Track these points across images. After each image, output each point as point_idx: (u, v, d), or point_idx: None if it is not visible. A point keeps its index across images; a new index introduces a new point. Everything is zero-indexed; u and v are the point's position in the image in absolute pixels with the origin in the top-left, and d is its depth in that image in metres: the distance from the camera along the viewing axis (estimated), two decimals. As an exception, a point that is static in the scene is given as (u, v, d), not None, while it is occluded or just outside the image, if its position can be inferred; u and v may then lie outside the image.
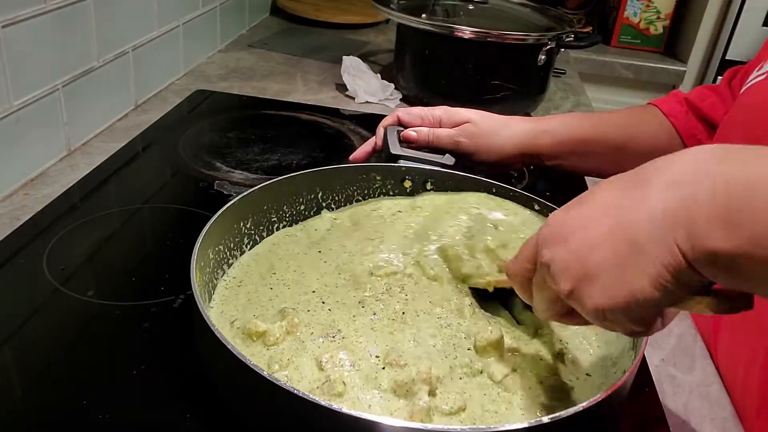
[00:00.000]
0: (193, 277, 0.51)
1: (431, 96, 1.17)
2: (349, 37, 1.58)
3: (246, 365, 0.42)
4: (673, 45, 1.92)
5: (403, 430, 0.41)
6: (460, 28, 1.08)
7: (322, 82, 1.27)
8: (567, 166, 0.82)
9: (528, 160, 0.83)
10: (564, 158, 0.82)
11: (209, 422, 0.50)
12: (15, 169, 0.80)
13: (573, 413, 0.42)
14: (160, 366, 0.55)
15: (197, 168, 0.89)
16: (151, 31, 1.08)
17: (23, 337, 0.58)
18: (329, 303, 0.58)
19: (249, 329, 0.53)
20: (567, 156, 0.81)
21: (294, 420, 0.43)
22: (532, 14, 1.26)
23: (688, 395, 0.60)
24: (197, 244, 0.54)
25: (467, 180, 0.72)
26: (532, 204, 0.68)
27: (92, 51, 0.92)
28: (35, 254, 0.68)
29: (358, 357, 0.52)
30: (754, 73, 0.68)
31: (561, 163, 0.82)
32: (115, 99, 1.01)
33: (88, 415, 0.50)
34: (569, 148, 0.81)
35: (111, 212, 0.78)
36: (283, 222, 0.69)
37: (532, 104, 1.21)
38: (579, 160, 0.82)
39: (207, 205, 0.74)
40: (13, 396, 0.52)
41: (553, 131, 0.81)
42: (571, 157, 0.82)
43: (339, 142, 1.02)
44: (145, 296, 0.63)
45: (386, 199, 0.72)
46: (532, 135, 0.80)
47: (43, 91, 0.82)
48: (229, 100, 1.15)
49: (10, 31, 0.75)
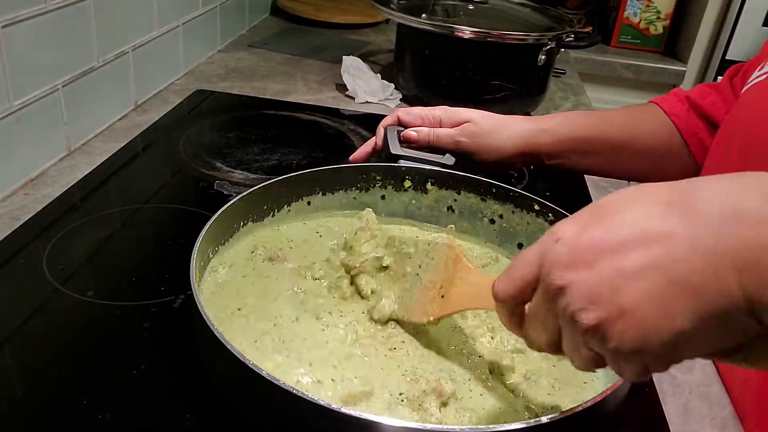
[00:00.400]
0: (192, 277, 0.51)
1: (431, 96, 1.17)
2: (349, 37, 1.58)
3: (246, 365, 0.42)
4: (673, 45, 1.92)
5: (403, 430, 0.41)
6: (460, 28, 1.08)
7: (322, 82, 1.27)
8: (567, 164, 0.82)
9: (528, 159, 0.82)
10: (564, 157, 0.81)
11: (209, 422, 0.50)
12: (15, 169, 0.80)
13: (572, 413, 0.42)
14: (160, 366, 0.55)
15: (197, 168, 0.89)
16: (151, 31, 1.08)
17: (23, 337, 0.58)
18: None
19: None
20: (567, 155, 0.81)
21: (294, 420, 0.43)
22: (532, 14, 1.25)
23: (688, 395, 0.60)
24: (197, 244, 0.54)
25: (467, 180, 0.72)
26: (532, 204, 0.68)
27: (92, 51, 0.92)
28: (35, 254, 0.68)
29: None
30: (755, 73, 0.68)
31: (561, 162, 0.82)
32: (115, 99, 1.01)
33: (88, 415, 0.50)
34: (569, 147, 0.81)
35: (111, 212, 0.78)
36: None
37: (532, 104, 1.21)
38: (579, 159, 0.82)
39: (207, 205, 0.74)
40: (13, 396, 0.52)
41: (553, 130, 0.81)
42: (572, 156, 0.81)
43: (339, 142, 1.02)
44: (145, 296, 0.63)
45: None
46: (532, 134, 0.80)
47: (43, 91, 0.82)
48: (229, 100, 1.15)
49: (10, 31, 0.75)
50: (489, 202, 0.71)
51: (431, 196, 0.73)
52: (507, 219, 0.71)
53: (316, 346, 0.53)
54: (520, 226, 0.70)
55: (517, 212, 0.70)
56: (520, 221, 0.70)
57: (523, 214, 0.69)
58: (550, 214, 0.67)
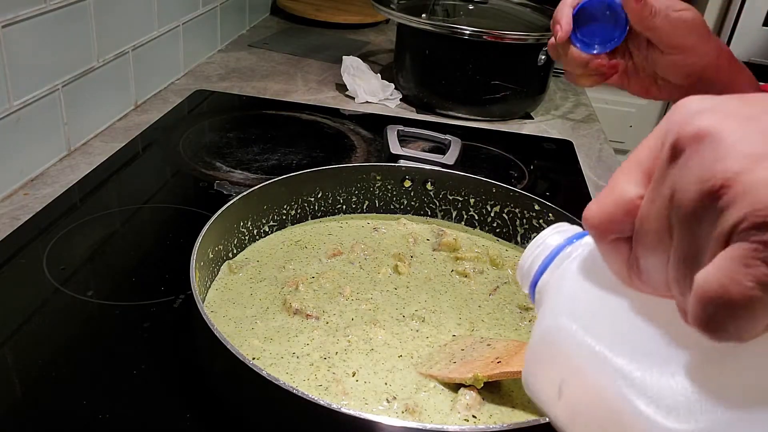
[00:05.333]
0: (192, 277, 0.51)
1: (431, 96, 1.17)
2: (349, 37, 1.58)
3: (246, 365, 0.42)
4: (673, 45, 1.92)
5: (402, 430, 0.41)
6: (460, 28, 1.08)
7: (322, 82, 1.27)
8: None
9: (704, 84, 0.67)
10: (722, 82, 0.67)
11: (209, 422, 0.50)
12: (15, 169, 0.80)
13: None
14: (160, 366, 0.55)
15: (197, 168, 0.89)
16: (151, 31, 1.08)
17: (23, 337, 0.58)
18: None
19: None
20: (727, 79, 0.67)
21: (293, 420, 0.43)
22: (532, 14, 1.26)
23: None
24: (197, 244, 0.54)
25: (467, 180, 0.72)
26: (533, 204, 0.68)
27: (92, 51, 0.92)
28: (35, 254, 0.68)
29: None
30: None
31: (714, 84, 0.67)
32: (115, 99, 1.01)
33: (88, 415, 0.50)
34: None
35: (111, 212, 0.78)
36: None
37: (532, 104, 1.21)
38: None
39: (207, 205, 0.74)
40: (13, 396, 0.52)
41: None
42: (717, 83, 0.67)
43: (339, 142, 1.02)
44: (145, 296, 0.63)
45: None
46: (732, 57, 0.68)
47: (43, 91, 0.82)
48: (229, 100, 1.15)
49: (10, 31, 0.75)
50: (489, 201, 0.71)
51: (431, 194, 0.73)
52: (507, 219, 0.71)
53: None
54: (520, 226, 0.70)
55: (517, 212, 0.70)
56: (520, 221, 0.70)
57: (523, 214, 0.69)
58: (550, 214, 0.67)
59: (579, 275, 0.29)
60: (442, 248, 0.69)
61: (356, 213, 0.74)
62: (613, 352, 0.26)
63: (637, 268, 0.25)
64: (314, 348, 0.54)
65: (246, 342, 0.54)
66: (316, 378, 0.51)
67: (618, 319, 0.26)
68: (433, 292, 0.63)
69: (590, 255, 0.29)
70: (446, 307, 0.61)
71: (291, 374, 0.51)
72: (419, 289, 0.63)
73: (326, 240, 0.70)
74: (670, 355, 0.24)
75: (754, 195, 0.20)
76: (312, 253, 0.67)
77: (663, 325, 0.25)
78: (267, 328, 0.56)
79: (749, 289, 0.20)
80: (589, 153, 1.09)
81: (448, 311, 0.61)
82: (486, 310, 0.61)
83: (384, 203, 0.74)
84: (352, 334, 0.56)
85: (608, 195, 0.25)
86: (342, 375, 0.51)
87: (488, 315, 0.61)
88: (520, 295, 0.63)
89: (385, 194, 0.74)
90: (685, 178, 0.22)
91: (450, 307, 0.61)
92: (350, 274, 0.65)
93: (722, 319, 0.21)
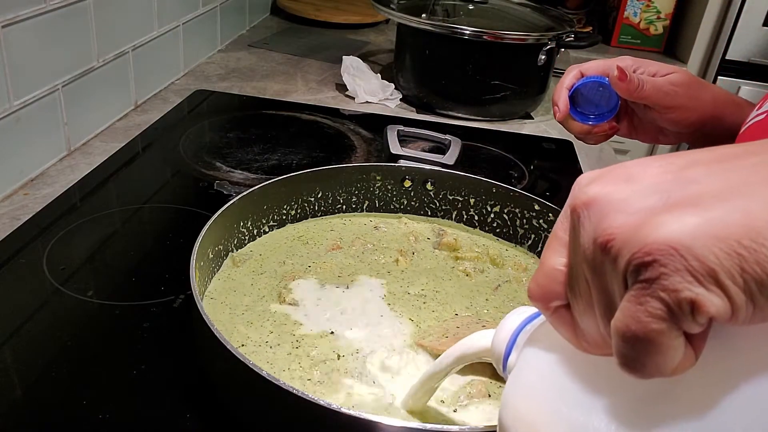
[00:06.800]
0: (192, 277, 0.51)
1: (431, 96, 1.17)
2: (349, 37, 1.58)
3: (246, 365, 0.42)
4: (673, 45, 1.92)
5: (402, 430, 0.41)
6: (460, 28, 1.08)
7: (322, 82, 1.27)
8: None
9: (711, 126, 0.69)
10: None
11: (209, 422, 0.50)
12: (15, 169, 0.80)
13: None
14: (160, 366, 0.55)
15: (197, 168, 0.89)
16: (151, 31, 1.08)
17: (23, 337, 0.58)
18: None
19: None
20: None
21: (293, 420, 0.43)
22: (532, 14, 1.26)
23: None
24: (197, 244, 0.54)
25: (467, 180, 0.72)
26: (533, 204, 0.68)
27: (92, 51, 0.92)
28: (35, 254, 0.68)
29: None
30: (753, 113, 0.64)
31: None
32: (114, 99, 1.01)
33: (88, 415, 0.50)
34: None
35: (111, 212, 0.78)
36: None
37: (532, 104, 1.21)
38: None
39: (207, 205, 0.74)
40: (13, 395, 0.52)
41: (742, 103, 0.70)
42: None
43: (339, 142, 1.02)
44: (145, 296, 0.63)
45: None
46: (730, 97, 0.70)
47: (43, 91, 0.82)
48: (229, 100, 1.15)
49: (10, 31, 0.75)
50: (489, 201, 0.71)
51: (431, 194, 0.73)
52: (507, 219, 0.71)
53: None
54: (520, 226, 0.70)
55: (517, 212, 0.70)
56: (520, 221, 0.70)
57: (523, 214, 0.69)
58: (550, 214, 0.67)
59: (538, 349, 0.31)
60: (443, 248, 0.69)
61: (356, 213, 0.74)
62: (570, 409, 0.27)
63: (581, 331, 0.27)
64: (303, 335, 0.55)
65: (236, 329, 0.55)
66: (306, 369, 0.51)
67: (580, 382, 0.28)
68: (436, 278, 0.65)
69: (545, 328, 0.31)
70: (453, 292, 0.63)
71: (271, 363, 0.52)
72: (422, 275, 0.65)
73: (328, 236, 0.70)
74: (619, 407, 0.26)
75: (632, 242, 0.23)
76: (313, 249, 0.68)
77: (618, 379, 0.26)
78: (257, 316, 0.57)
79: (648, 323, 0.22)
80: (589, 153, 1.09)
81: (455, 296, 0.62)
82: (493, 304, 0.62)
83: (384, 203, 0.74)
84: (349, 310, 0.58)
85: (540, 270, 0.28)
86: (334, 361, 0.52)
87: (495, 309, 0.62)
88: (522, 294, 0.63)
89: (385, 194, 0.74)
90: (584, 238, 0.25)
91: (456, 294, 0.63)
92: (348, 264, 0.66)
93: (638, 356, 0.23)
